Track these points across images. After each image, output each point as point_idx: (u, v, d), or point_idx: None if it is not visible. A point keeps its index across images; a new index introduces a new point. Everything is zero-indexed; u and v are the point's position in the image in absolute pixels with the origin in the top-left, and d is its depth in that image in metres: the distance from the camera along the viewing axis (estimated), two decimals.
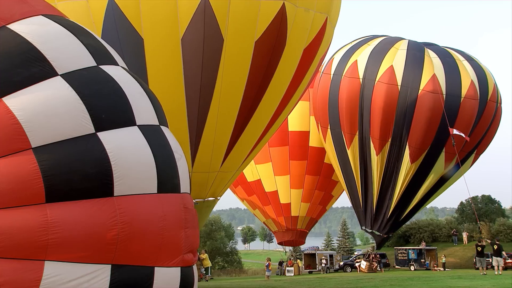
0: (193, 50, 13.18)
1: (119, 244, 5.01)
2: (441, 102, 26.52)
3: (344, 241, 66.89)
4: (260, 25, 13.57)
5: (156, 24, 12.92)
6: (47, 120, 4.97)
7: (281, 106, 15.87)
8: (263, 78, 14.45)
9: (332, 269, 35.44)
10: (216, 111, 14.10)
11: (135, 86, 5.95)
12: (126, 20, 12.83)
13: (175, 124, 13.91)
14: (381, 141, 27.86)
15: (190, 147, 14.34)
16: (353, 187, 30.00)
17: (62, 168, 4.90)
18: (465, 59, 28.85)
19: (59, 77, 5.25)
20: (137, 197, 5.23)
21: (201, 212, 16.19)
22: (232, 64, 13.67)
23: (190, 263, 5.83)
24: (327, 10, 15.48)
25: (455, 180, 29.93)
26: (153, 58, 13.14)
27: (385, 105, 27.17)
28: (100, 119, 5.22)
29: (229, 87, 13.97)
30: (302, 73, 15.78)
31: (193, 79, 13.48)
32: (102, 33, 12.92)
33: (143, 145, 5.47)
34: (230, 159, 15.46)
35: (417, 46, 28.81)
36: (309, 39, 15.11)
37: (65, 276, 4.79)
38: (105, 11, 12.83)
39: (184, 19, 12.91)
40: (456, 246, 41.79)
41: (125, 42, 12.99)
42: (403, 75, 27.22)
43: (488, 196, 57.31)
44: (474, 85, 27.66)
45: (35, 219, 4.73)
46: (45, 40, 5.37)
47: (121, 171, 5.13)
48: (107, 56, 5.98)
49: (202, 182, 15.31)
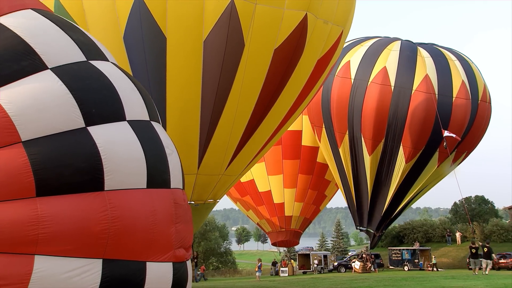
0: (214, 52, 13.28)
1: (110, 238, 4.98)
2: (434, 102, 26.75)
3: (338, 242, 67.01)
4: (281, 33, 13.71)
5: (181, 24, 13.00)
6: (37, 113, 4.94)
7: (288, 114, 16.09)
8: (277, 85, 14.62)
9: (327, 270, 35.47)
10: (228, 115, 14.21)
11: (125, 81, 5.93)
12: (151, 17, 12.89)
13: (188, 124, 14.01)
14: (374, 141, 28.04)
15: (199, 149, 14.42)
16: (347, 186, 30.16)
17: (52, 162, 4.86)
18: (456, 59, 29.17)
19: (49, 70, 5.22)
20: (127, 192, 5.21)
21: (200, 213, 16.27)
22: (251, 69, 13.79)
23: (182, 258, 5.80)
24: (343, 23, 15.73)
25: (443, 177, 30.24)
26: (174, 57, 13.22)
27: (378, 106, 27.37)
28: (91, 114, 5.19)
29: (244, 92, 14.08)
30: (313, 83, 16.02)
31: (211, 81, 13.58)
32: (125, 29, 13.02)
33: (133, 140, 5.44)
34: (235, 163, 15.58)
35: (410, 46, 29.04)
36: (324, 51, 15.33)
37: (56, 270, 4.76)
38: (131, 7, 12.88)
39: (209, 21, 13.01)
40: (449, 246, 41.93)
41: (148, 40, 13.08)
42: (396, 76, 27.45)
43: (482, 197, 57.55)
44: (465, 85, 28.02)
45: (25, 213, 4.70)
46: (34, 34, 5.33)
47: (111, 165, 5.10)
48: (97, 51, 5.96)
49: (206, 184, 15.40)
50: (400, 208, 30.20)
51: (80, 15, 13.10)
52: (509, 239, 41.44)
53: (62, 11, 13.17)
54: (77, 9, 13.11)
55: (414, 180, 28.89)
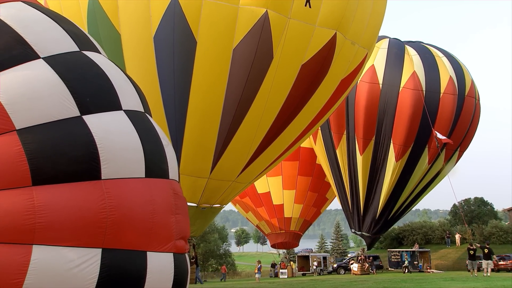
0: (242, 61, 13.40)
1: (108, 227, 4.92)
2: (421, 98, 26.98)
3: (337, 243, 67.03)
4: (310, 49, 13.85)
5: (213, 30, 13.15)
6: (30, 102, 4.87)
7: (306, 130, 16.29)
8: (300, 100, 14.76)
9: (326, 271, 35.42)
10: (248, 124, 14.32)
11: (118, 72, 5.88)
12: (185, 21, 13.02)
13: (206, 128, 14.18)
14: (365, 140, 28.21)
15: (214, 154, 14.53)
16: (342, 189, 30.21)
17: (47, 150, 4.79)
18: (444, 55, 29.52)
19: (41, 59, 5.15)
20: (125, 181, 5.14)
21: (206, 217, 16.39)
22: (276, 82, 13.90)
23: (182, 250, 5.75)
24: (369, 46, 16.00)
25: (442, 178, 30.25)
26: (202, 61, 13.34)
27: (367, 104, 27.62)
28: (85, 103, 5.13)
29: (267, 104, 14.18)
30: (334, 101, 16.22)
31: (235, 89, 13.69)
32: (157, 29, 13.17)
33: (130, 129, 5.37)
34: (247, 171, 15.70)
35: (398, 44, 29.30)
36: (348, 71, 15.52)
37: (54, 259, 4.70)
38: (166, 8, 12.98)
39: (241, 30, 13.14)
40: (449, 248, 41.89)
41: (178, 42, 13.22)
42: (384, 73, 27.73)
43: (481, 198, 57.59)
44: (453, 81, 28.33)
45: (21, 202, 4.64)
46: (25, 25, 5.27)
47: (107, 154, 5.04)
48: (89, 43, 5.91)
49: (216, 189, 15.50)
50: (397, 209, 30.17)
51: (113, 12, 13.25)
52: (509, 241, 41.42)
53: (96, 6, 13.34)
54: (111, 6, 13.26)
55: (407, 180, 28.99)
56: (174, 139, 13.93)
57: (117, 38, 13.41)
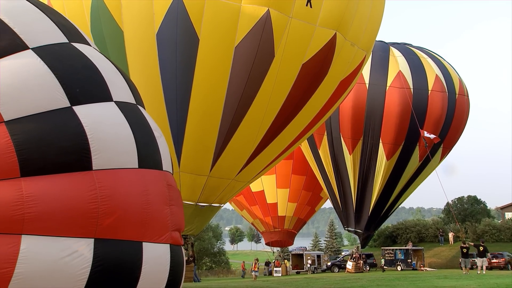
0: (244, 59, 13.48)
1: (100, 218, 4.90)
2: (409, 96, 27.16)
3: (331, 242, 67.03)
4: (311, 49, 13.95)
5: (216, 28, 13.22)
6: (19, 93, 4.83)
7: (305, 130, 16.33)
8: (300, 99, 14.83)
9: (320, 270, 35.45)
10: (248, 122, 14.38)
11: (109, 64, 5.85)
12: (188, 18, 13.10)
13: (207, 126, 14.22)
14: (353, 140, 28.29)
15: (214, 151, 14.60)
16: (330, 187, 30.29)
17: (36, 141, 4.77)
18: (428, 57, 29.85)
19: (30, 50, 5.11)
20: (117, 171, 5.11)
21: (205, 215, 16.43)
22: (277, 80, 13.97)
23: (178, 241, 5.72)
24: (367, 48, 16.12)
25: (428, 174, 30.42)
26: (204, 59, 13.41)
27: (354, 104, 27.69)
28: (75, 93, 5.09)
29: (267, 102, 14.25)
30: (333, 102, 16.29)
31: (236, 87, 13.76)
32: (160, 27, 13.21)
33: (121, 120, 5.34)
34: (246, 170, 15.75)
35: (382, 46, 29.52)
36: (347, 72, 15.62)
37: (44, 250, 4.68)
38: (169, 6, 13.05)
39: (243, 29, 13.22)
40: (442, 246, 42.00)
41: (181, 40, 13.28)
42: (370, 74, 27.90)
43: (474, 197, 57.75)
44: (439, 79, 28.53)
45: (9, 193, 4.61)
46: (13, 15, 5.23)
47: (98, 145, 5.01)
48: (78, 35, 5.87)
49: (215, 187, 15.54)
50: (389, 206, 30.30)
51: (117, 9, 13.32)
52: (501, 239, 41.56)
53: (100, 3, 13.39)
54: (115, 3, 13.31)
55: (398, 178, 29.13)
56: (175, 137, 13.99)
57: (120, 35, 13.45)
